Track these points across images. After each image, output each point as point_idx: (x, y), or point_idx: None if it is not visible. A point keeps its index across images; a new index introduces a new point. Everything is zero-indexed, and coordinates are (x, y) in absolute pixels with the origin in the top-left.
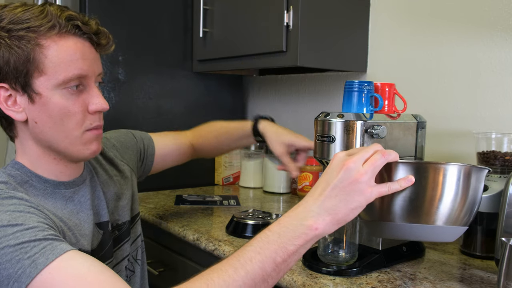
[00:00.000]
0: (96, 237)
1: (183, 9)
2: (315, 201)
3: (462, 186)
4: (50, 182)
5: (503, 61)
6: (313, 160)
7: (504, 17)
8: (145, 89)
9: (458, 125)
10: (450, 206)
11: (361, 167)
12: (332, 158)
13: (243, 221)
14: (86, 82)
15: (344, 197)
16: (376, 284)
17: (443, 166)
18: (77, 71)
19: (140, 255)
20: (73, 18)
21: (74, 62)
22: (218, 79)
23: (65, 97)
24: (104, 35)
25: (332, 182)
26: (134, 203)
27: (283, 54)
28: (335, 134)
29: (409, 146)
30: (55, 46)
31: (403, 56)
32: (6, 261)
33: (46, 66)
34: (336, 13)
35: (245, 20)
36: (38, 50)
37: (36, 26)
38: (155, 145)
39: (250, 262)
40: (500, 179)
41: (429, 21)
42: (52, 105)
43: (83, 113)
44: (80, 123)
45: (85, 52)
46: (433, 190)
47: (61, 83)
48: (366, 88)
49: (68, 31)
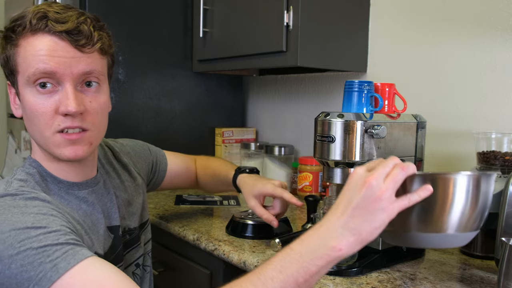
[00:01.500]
0: (108, 241)
1: (183, 9)
2: (337, 220)
3: (472, 195)
4: (64, 183)
5: (503, 61)
6: (313, 160)
7: (504, 17)
8: (145, 89)
9: (458, 125)
10: (461, 215)
11: (382, 184)
12: (352, 173)
13: (243, 221)
14: (59, 82)
15: (368, 216)
16: (376, 284)
17: (452, 177)
18: (41, 65)
19: (148, 261)
20: (46, 16)
21: (39, 58)
22: (218, 79)
23: (34, 95)
24: (83, 34)
25: (355, 201)
26: (144, 211)
27: (283, 54)
28: (335, 134)
29: (409, 146)
30: (26, 45)
31: (403, 56)
32: (28, 263)
33: (19, 64)
34: (336, 13)
35: (245, 20)
36: (15, 49)
37: (16, 26)
38: (168, 163)
39: (271, 281)
40: (500, 179)
41: (429, 21)
42: (25, 102)
43: (51, 114)
44: (49, 124)
45: (57, 49)
46: (444, 200)
47: (27, 79)
48: (366, 88)
49: (39, 29)
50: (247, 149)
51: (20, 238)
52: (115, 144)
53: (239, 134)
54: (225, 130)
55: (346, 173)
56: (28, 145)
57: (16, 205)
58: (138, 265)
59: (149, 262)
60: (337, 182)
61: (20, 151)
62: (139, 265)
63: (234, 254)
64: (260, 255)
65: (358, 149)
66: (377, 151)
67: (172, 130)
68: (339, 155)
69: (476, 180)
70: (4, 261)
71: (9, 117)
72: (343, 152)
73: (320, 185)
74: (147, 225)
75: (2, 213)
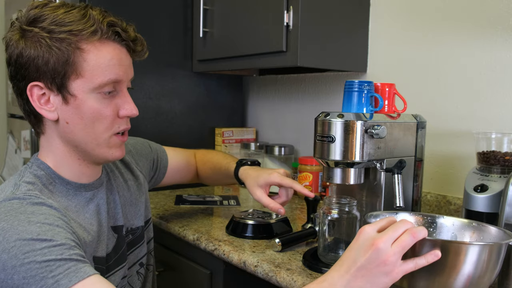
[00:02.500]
0: (112, 241)
1: (183, 9)
2: (340, 278)
3: (482, 264)
4: (72, 184)
5: (503, 61)
6: (313, 160)
7: (504, 17)
8: (145, 89)
9: (458, 125)
10: (470, 282)
11: (390, 248)
12: (361, 231)
13: (243, 221)
14: (119, 87)
15: (371, 278)
16: None
17: (465, 247)
18: (113, 76)
19: (151, 260)
20: (114, 24)
21: (111, 68)
22: (218, 79)
23: (99, 101)
24: (140, 42)
25: (360, 262)
26: (147, 209)
27: (283, 54)
28: (335, 134)
29: (409, 146)
30: (95, 51)
31: (403, 56)
32: (30, 277)
33: (84, 69)
34: (336, 13)
35: (245, 20)
36: (78, 53)
37: (79, 30)
38: (169, 159)
39: None
40: (500, 179)
41: (430, 21)
42: (86, 107)
43: (113, 117)
44: (110, 127)
45: (122, 58)
46: (452, 267)
47: (97, 87)
48: (366, 88)
49: (109, 37)
50: (247, 149)
51: (25, 249)
52: None
53: (239, 134)
54: (225, 130)
55: (346, 173)
56: (28, 145)
57: (23, 211)
58: (142, 264)
59: (152, 261)
60: (337, 182)
61: (20, 151)
62: (143, 265)
63: (234, 254)
64: (260, 255)
65: (358, 149)
66: (377, 151)
67: (172, 130)
68: (339, 155)
69: (489, 251)
70: (7, 271)
71: (9, 117)
72: (343, 152)
73: (320, 185)
74: (149, 223)
75: (9, 219)
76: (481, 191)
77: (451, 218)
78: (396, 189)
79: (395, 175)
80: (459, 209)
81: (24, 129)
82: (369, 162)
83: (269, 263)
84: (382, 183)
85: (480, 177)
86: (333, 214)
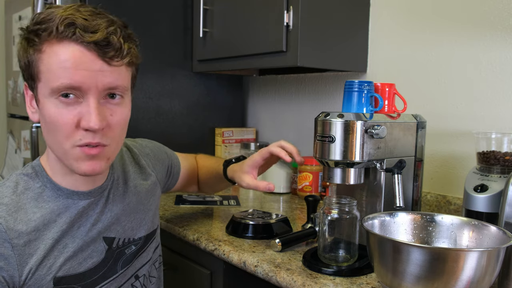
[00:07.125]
0: (101, 252)
1: (183, 9)
2: None
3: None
4: (63, 190)
5: (503, 61)
6: (313, 160)
7: (504, 17)
8: (145, 89)
9: (458, 125)
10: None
11: None
12: None
13: (243, 221)
14: (82, 95)
15: None
16: (376, 284)
17: (464, 254)
18: (66, 80)
19: (154, 272)
20: (73, 23)
21: (64, 71)
22: (218, 79)
23: (56, 106)
24: (112, 46)
25: None
26: (155, 217)
27: (283, 54)
28: (335, 134)
29: (409, 146)
30: (51, 53)
31: (403, 56)
32: None
33: (41, 72)
34: (336, 13)
35: (245, 20)
36: (37, 55)
37: (42, 29)
38: (181, 166)
39: None
40: (500, 179)
41: (429, 21)
42: (46, 112)
43: (72, 127)
44: (69, 137)
45: (83, 61)
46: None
47: (50, 92)
48: (366, 88)
49: (66, 37)
50: (247, 149)
51: None
52: (134, 144)
53: (239, 134)
54: (225, 130)
55: (346, 173)
56: (28, 145)
57: None
58: (138, 277)
59: (155, 272)
60: (337, 182)
61: (20, 151)
62: (138, 277)
63: (234, 254)
64: (260, 255)
65: (358, 149)
66: (377, 151)
67: (172, 130)
68: (339, 155)
69: (487, 256)
70: None
71: (9, 117)
72: (343, 152)
73: (320, 185)
74: (155, 233)
75: None
76: (481, 191)
77: (450, 216)
78: (396, 189)
79: (395, 175)
80: (459, 209)
81: (24, 129)
82: (369, 162)
83: (269, 263)
84: (382, 183)
85: (480, 177)
86: (333, 214)
